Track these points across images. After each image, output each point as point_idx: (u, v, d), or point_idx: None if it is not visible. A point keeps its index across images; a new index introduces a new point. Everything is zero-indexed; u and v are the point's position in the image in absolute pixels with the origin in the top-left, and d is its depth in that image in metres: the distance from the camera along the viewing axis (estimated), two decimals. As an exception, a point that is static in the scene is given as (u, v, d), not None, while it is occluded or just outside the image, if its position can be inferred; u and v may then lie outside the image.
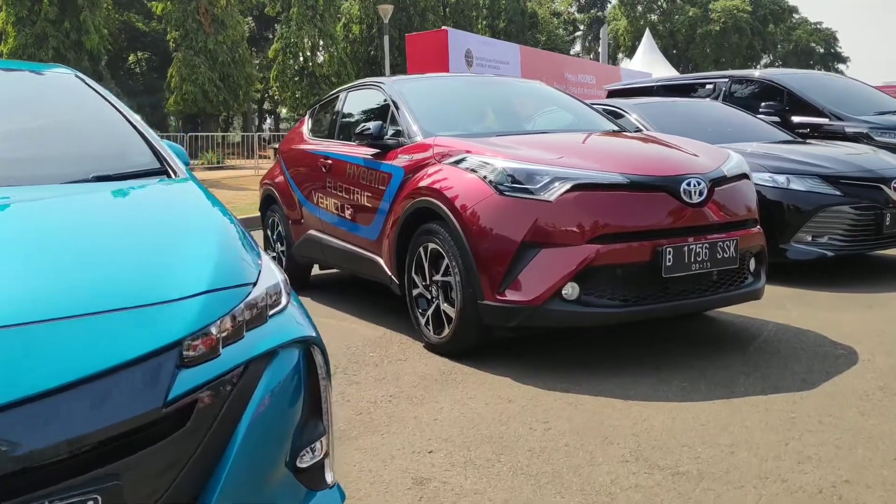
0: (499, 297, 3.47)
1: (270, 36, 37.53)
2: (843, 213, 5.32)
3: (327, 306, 5.26)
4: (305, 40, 30.25)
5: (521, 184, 3.49)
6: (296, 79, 30.27)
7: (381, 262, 4.38)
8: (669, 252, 3.44)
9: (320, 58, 33.63)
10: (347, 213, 4.77)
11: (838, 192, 5.36)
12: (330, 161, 5.03)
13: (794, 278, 5.50)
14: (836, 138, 8.27)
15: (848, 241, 5.36)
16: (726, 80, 9.68)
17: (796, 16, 54.71)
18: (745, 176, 3.92)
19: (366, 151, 4.57)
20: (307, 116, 6.02)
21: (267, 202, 6.13)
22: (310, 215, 5.34)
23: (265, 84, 34.74)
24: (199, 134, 21.97)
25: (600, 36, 50.20)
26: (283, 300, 1.80)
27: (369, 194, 4.50)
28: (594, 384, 3.37)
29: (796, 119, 8.61)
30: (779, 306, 4.81)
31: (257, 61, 41.31)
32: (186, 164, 2.87)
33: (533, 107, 4.99)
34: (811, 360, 3.68)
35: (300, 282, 5.83)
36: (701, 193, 3.56)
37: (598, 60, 39.09)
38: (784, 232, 5.38)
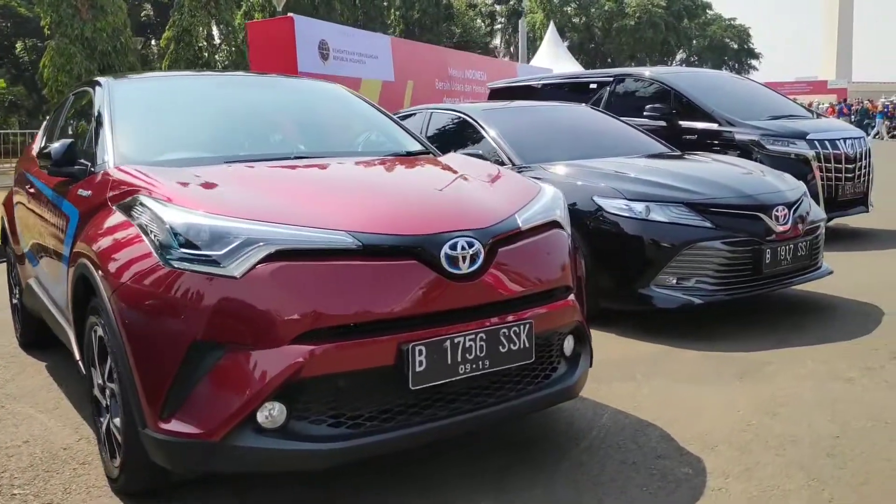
0: (162, 426, 2.24)
1: (170, 23, 35.19)
2: (713, 249, 4.30)
3: (58, 382, 3.95)
4: (200, 28, 28.26)
5: (198, 248, 2.26)
6: (191, 70, 28.26)
7: (72, 336, 3.11)
8: (421, 351, 2.28)
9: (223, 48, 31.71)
10: (42, 262, 3.48)
11: (708, 224, 4.34)
12: (33, 189, 3.71)
13: (656, 331, 4.46)
14: (726, 146, 7.39)
15: (720, 284, 4.34)
16: (611, 78, 8.72)
17: (710, 12, 55.24)
18: (554, 224, 2.79)
19: (56, 181, 3.28)
20: (45, 124, 4.66)
21: (3, 233, 4.75)
22: (25, 257, 4.02)
23: (159, 75, 32.46)
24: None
25: (518, 29, 49.53)
26: None
27: (54, 241, 3.22)
28: (299, 563, 2.19)
29: (684, 124, 7.70)
30: (628, 376, 3.75)
31: (156, 49, 38.88)
32: None
33: (307, 120, 3.73)
34: (642, 490, 2.58)
35: (38, 339, 4.46)
36: (473, 259, 2.40)
37: (518, 54, 38.21)
38: (643, 274, 4.33)
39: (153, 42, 40.40)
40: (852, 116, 32.66)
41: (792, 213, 4.54)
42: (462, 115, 5.79)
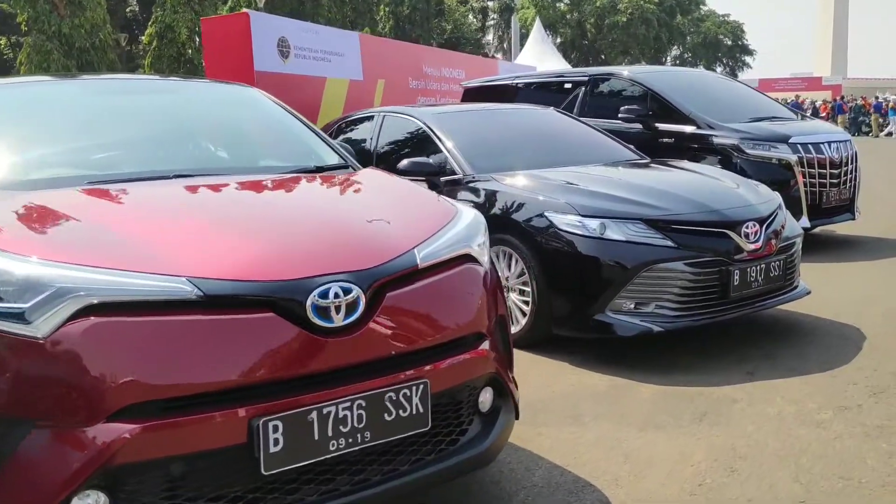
0: (-44, 520, 1.82)
1: (156, 19, 34.54)
2: (674, 271, 3.88)
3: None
4: (182, 25, 27.69)
5: (1, 300, 1.83)
6: (174, 66, 27.73)
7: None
8: (276, 427, 1.85)
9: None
10: None
11: (669, 243, 3.92)
12: None
13: (614, 360, 4.05)
14: (704, 151, 6.98)
15: (682, 309, 3.92)
16: (587, 78, 8.29)
17: (704, 8, 54.80)
18: (466, 259, 2.36)
19: None
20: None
21: None
22: None
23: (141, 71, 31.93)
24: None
25: (511, 25, 48.97)
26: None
27: None
28: None
29: (661, 127, 7.29)
30: (574, 418, 3.34)
31: (142, 45, 38.30)
32: None
33: (204, 131, 3.25)
34: (562, 579, 2.17)
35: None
36: (351, 308, 1.97)
37: (510, 51, 37.66)
38: (598, 298, 3.91)
39: (141, 38, 39.82)
40: (849, 114, 32.27)
41: (764, 230, 4.12)
42: (414, 120, 5.36)
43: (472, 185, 4.65)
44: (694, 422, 3.25)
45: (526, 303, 4.21)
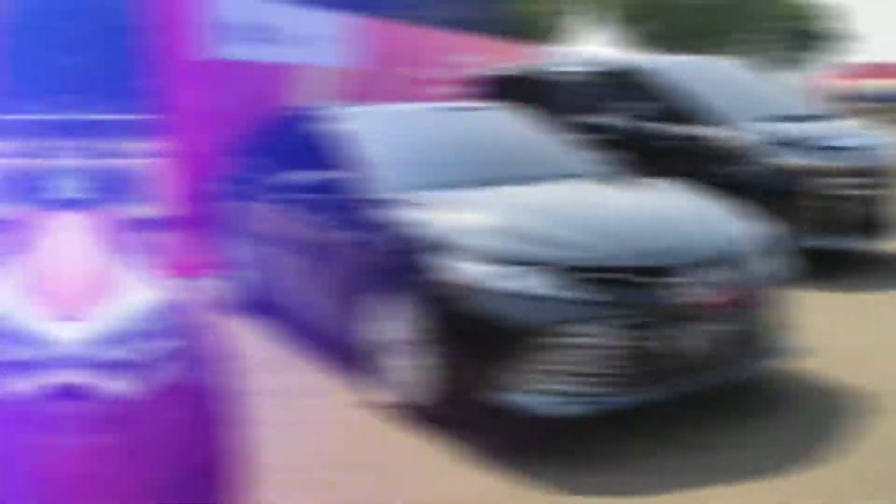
0: None
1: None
2: (586, 335, 2.88)
3: None
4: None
5: None
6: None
7: None
8: None
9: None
10: None
11: (587, 296, 2.92)
12: None
13: (518, 447, 3.07)
14: (711, 155, 5.91)
15: (599, 384, 2.92)
16: (604, 71, 7.18)
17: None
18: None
19: None
20: None
21: None
22: None
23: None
24: None
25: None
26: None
27: None
28: None
29: (671, 129, 6.29)
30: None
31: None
32: None
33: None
34: None
35: None
36: None
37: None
38: (486, 371, 2.95)
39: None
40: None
41: (723, 276, 3.08)
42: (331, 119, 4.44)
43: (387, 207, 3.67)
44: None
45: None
